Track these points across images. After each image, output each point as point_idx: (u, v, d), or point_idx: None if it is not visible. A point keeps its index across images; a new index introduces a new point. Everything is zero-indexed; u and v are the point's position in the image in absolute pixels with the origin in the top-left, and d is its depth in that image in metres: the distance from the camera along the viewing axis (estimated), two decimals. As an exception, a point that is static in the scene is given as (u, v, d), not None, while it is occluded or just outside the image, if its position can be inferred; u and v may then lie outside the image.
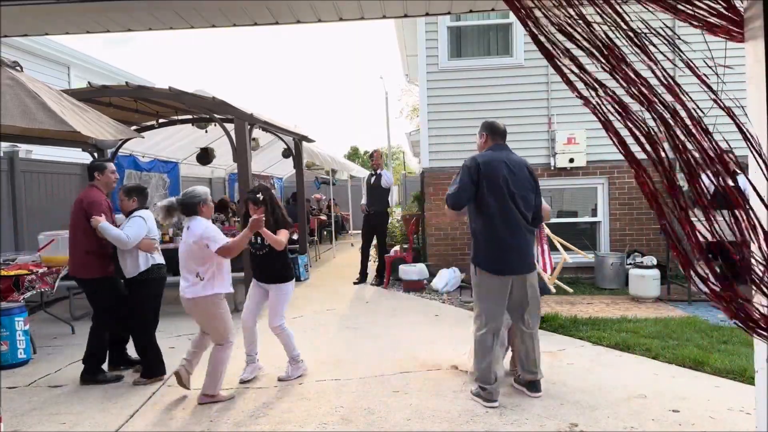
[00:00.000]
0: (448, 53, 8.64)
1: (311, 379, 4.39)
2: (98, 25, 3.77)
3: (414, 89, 20.21)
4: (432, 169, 8.69)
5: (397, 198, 17.32)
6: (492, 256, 3.77)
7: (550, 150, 8.45)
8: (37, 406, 3.99)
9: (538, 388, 3.90)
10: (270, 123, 7.91)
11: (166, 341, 5.61)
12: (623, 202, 8.46)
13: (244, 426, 3.57)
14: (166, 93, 6.62)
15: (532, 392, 3.89)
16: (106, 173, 4.68)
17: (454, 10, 3.92)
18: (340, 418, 3.63)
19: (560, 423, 3.45)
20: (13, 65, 4.67)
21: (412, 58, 11.39)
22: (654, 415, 3.57)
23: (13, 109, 4.09)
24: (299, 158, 10.13)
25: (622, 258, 7.91)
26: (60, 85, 11.03)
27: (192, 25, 3.81)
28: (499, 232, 3.73)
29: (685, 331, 5.42)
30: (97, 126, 4.89)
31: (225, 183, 14.71)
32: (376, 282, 8.69)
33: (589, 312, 6.41)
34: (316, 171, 16.62)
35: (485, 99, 8.49)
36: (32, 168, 7.73)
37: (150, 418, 3.74)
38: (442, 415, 3.62)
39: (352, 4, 3.55)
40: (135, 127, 7.87)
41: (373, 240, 8.85)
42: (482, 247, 3.80)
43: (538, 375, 3.92)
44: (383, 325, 6.08)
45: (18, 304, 5.13)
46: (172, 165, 11.23)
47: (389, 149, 20.35)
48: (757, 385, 2.17)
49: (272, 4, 3.49)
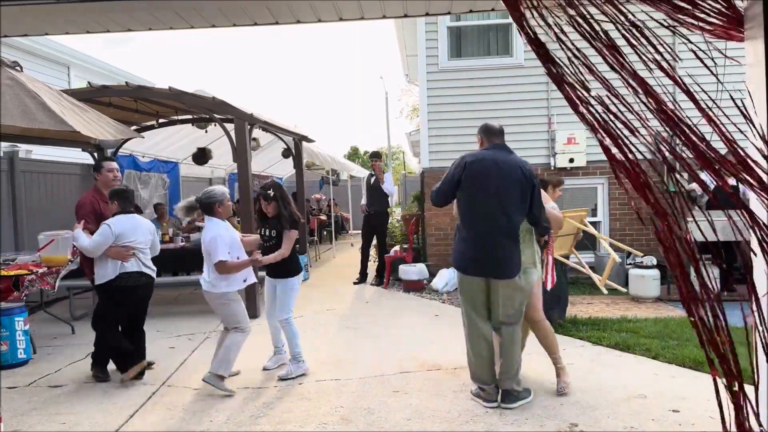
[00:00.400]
0: (448, 53, 8.64)
1: (311, 379, 4.39)
2: (98, 25, 3.77)
3: (414, 89, 20.22)
4: (432, 169, 8.69)
5: (397, 198, 17.32)
6: (462, 254, 3.74)
7: (550, 150, 8.45)
8: (37, 406, 3.99)
9: (511, 400, 3.69)
10: (270, 123, 7.91)
11: (166, 341, 5.61)
12: (623, 202, 8.46)
13: (244, 426, 3.56)
14: (166, 93, 6.62)
15: (504, 403, 3.70)
16: (103, 172, 4.66)
17: (454, 10, 3.92)
18: (340, 418, 3.63)
19: (560, 423, 3.45)
20: (13, 65, 4.67)
21: (412, 58, 11.39)
22: (654, 415, 3.57)
23: (13, 109, 4.09)
24: (299, 158, 10.13)
25: (622, 258, 7.91)
26: (60, 85, 11.03)
27: (192, 25, 3.81)
28: (472, 231, 3.69)
29: (685, 331, 5.42)
30: (97, 126, 4.89)
31: (225, 183, 14.72)
32: (376, 282, 8.68)
33: (589, 312, 6.41)
34: (318, 171, 16.62)
35: (485, 99, 8.49)
36: (32, 168, 7.73)
37: (150, 418, 3.74)
38: (442, 415, 3.62)
39: (352, 4, 3.55)
40: (135, 127, 7.87)
41: (373, 240, 8.86)
42: (457, 244, 3.84)
43: (511, 385, 3.71)
44: (383, 325, 6.08)
45: (18, 304, 5.13)
46: (172, 165, 11.23)
47: (389, 149, 20.34)
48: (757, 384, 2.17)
49: (272, 4, 3.49)
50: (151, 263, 4.53)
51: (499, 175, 3.62)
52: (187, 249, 7.27)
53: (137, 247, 4.37)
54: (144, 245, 4.43)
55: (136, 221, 4.42)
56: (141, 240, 4.40)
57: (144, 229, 4.45)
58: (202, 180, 13.42)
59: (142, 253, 4.42)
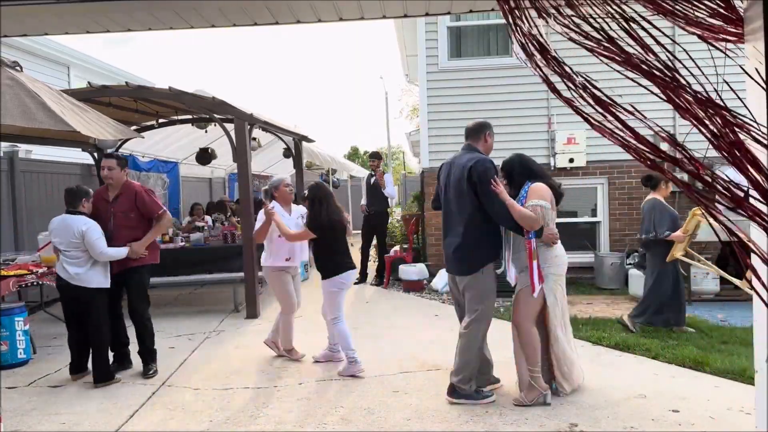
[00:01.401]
0: (448, 53, 8.64)
1: (311, 379, 4.39)
2: (98, 25, 3.77)
3: (414, 89, 20.20)
4: (432, 169, 8.69)
5: (397, 198, 17.32)
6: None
7: (550, 150, 8.44)
8: (37, 406, 3.99)
9: (454, 394, 3.79)
10: (270, 123, 7.91)
11: (166, 341, 5.61)
12: (623, 202, 8.46)
13: (244, 426, 3.57)
14: (166, 93, 6.62)
15: (447, 395, 3.83)
16: (102, 168, 4.64)
17: (454, 10, 3.92)
18: (340, 418, 3.63)
19: (560, 423, 3.45)
20: (13, 65, 4.66)
21: (412, 58, 11.39)
22: (654, 415, 3.57)
23: (13, 109, 4.09)
24: (299, 158, 10.14)
25: (621, 258, 7.91)
26: (60, 85, 11.02)
27: (192, 25, 3.81)
28: (442, 230, 4.04)
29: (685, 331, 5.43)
30: (97, 126, 4.89)
31: (225, 183, 14.72)
32: (376, 282, 8.68)
33: (589, 312, 6.41)
34: (318, 171, 16.62)
35: (485, 99, 8.48)
36: (32, 168, 7.73)
37: (150, 418, 3.74)
38: (442, 415, 3.62)
39: (352, 4, 3.55)
40: (135, 127, 7.87)
41: (373, 240, 8.85)
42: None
43: (453, 379, 3.80)
44: (383, 326, 6.08)
45: (18, 304, 5.13)
46: (172, 165, 11.22)
47: (389, 149, 20.34)
48: (757, 385, 2.17)
49: (272, 4, 3.49)
50: (73, 267, 4.29)
51: (451, 177, 3.87)
52: (186, 249, 7.26)
53: (59, 249, 4.32)
54: (66, 247, 4.29)
55: (65, 222, 4.31)
56: (62, 241, 4.30)
57: (69, 231, 4.28)
58: (202, 180, 13.42)
59: (64, 255, 4.30)
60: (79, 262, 4.30)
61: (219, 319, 6.50)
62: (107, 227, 4.47)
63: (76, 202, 4.37)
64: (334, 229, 4.48)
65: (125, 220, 4.56)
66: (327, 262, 4.50)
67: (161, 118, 8.27)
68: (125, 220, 4.56)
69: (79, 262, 4.30)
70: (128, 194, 4.59)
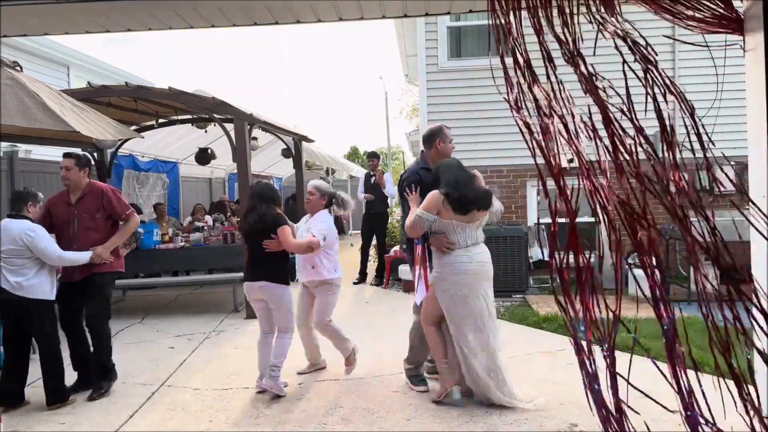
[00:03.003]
0: (447, 53, 8.64)
1: (311, 379, 4.40)
2: (98, 25, 3.78)
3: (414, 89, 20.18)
4: (432, 169, 8.68)
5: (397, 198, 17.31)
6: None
7: (550, 150, 8.44)
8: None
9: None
10: (270, 123, 7.91)
11: (166, 341, 5.61)
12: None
13: (243, 426, 3.57)
14: (165, 93, 6.62)
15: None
16: None
17: (454, 10, 3.93)
18: (340, 418, 3.63)
19: (560, 423, 3.45)
20: (13, 65, 4.66)
21: (412, 58, 11.39)
22: (654, 415, 3.56)
23: (12, 109, 4.09)
24: (299, 158, 10.13)
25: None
26: (60, 85, 11.02)
27: (191, 25, 3.81)
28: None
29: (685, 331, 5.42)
30: (97, 126, 4.89)
31: (225, 183, 14.71)
32: (375, 282, 8.68)
33: (588, 312, 6.40)
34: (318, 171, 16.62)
35: (485, 99, 8.46)
36: (32, 168, 7.73)
37: (150, 418, 3.74)
38: (442, 415, 3.62)
39: (352, 4, 3.55)
40: (135, 127, 7.87)
41: (372, 240, 8.86)
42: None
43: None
44: (383, 326, 6.08)
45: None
46: (172, 165, 11.22)
47: (389, 149, 20.33)
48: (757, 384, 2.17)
49: (272, 4, 3.50)
50: (13, 276, 3.84)
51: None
52: (186, 249, 7.26)
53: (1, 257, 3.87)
54: (7, 254, 3.84)
55: (5, 227, 3.88)
56: (1, 248, 3.86)
57: (10, 236, 3.85)
58: (201, 180, 13.42)
59: (5, 263, 3.85)
60: (21, 270, 3.86)
61: (219, 320, 6.50)
62: (70, 231, 4.24)
63: (20, 206, 4.00)
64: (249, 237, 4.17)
65: (91, 221, 4.27)
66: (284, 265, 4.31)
67: (161, 118, 8.26)
68: (91, 221, 4.27)
69: (20, 270, 3.86)
70: (94, 194, 4.33)
